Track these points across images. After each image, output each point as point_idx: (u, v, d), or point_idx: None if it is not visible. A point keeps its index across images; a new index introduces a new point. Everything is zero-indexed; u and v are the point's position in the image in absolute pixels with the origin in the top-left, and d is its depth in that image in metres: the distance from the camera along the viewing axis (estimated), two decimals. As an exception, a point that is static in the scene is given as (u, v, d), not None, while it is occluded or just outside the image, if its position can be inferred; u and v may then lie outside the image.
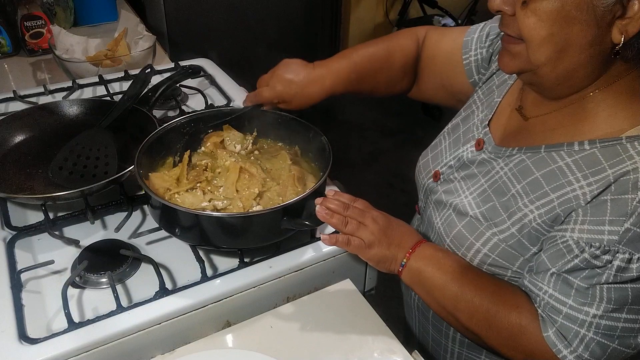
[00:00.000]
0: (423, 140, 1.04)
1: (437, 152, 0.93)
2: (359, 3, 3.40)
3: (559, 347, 0.68)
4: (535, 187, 0.73)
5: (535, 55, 0.68)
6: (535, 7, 0.64)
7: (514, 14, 0.67)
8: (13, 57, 1.58)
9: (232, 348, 0.77)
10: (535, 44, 0.67)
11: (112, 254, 0.81)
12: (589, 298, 0.66)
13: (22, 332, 0.71)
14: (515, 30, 0.68)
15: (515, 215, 0.74)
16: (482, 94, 0.91)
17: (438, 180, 0.89)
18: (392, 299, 1.25)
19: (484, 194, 0.79)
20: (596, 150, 0.69)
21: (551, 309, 0.69)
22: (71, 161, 0.93)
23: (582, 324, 0.67)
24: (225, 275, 0.80)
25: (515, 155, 0.77)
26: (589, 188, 0.67)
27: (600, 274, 0.65)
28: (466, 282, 0.75)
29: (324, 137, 0.90)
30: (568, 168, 0.70)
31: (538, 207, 0.72)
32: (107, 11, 1.80)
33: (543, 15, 0.64)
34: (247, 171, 0.87)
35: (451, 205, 0.83)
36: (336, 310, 0.83)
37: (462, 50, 0.95)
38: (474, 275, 0.77)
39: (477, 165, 0.83)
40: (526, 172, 0.75)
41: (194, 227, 0.78)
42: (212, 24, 2.31)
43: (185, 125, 0.94)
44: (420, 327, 0.98)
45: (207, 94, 1.26)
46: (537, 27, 0.65)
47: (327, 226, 0.79)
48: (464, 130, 0.89)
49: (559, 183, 0.70)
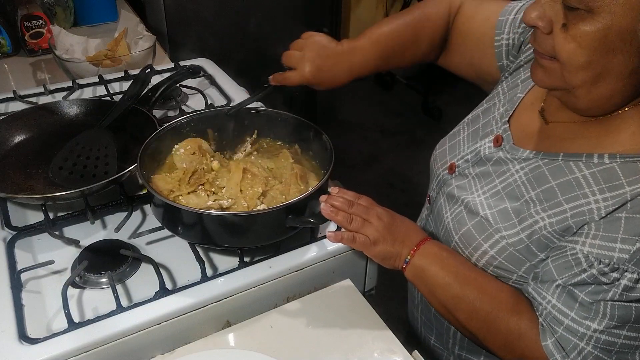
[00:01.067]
0: (423, 140, 1.04)
1: (454, 143, 0.92)
2: (359, 3, 3.40)
3: (556, 357, 0.68)
4: (549, 196, 0.72)
5: (570, 77, 0.66)
6: (577, 33, 0.62)
7: (549, 33, 0.65)
8: (13, 57, 1.58)
9: (232, 348, 0.77)
10: (572, 69, 0.65)
11: (112, 254, 0.81)
12: (592, 313, 0.66)
13: (22, 332, 0.71)
14: (549, 50, 0.66)
15: (526, 221, 0.73)
16: (507, 86, 0.89)
17: (453, 173, 0.88)
18: (392, 299, 1.25)
19: (497, 196, 0.78)
20: (616, 165, 0.67)
21: (553, 319, 0.69)
22: (71, 161, 0.93)
23: (582, 337, 0.67)
24: (225, 275, 0.80)
25: (532, 159, 0.76)
26: (604, 203, 0.66)
27: (607, 291, 0.65)
28: (469, 283, 0.75)
29: (324, 135, 0.90)
30: (585, 180, 0.69)
31: (550, 215, 0.71)
32: (107, 11, 1.80)
33: (584, 43, 0.62)
34: (249, 171, 0.87)
35: (463, 202, 0.83)
36: (336, 310, 0.83)
37: (495, 32, 0.90)
38: (477, 277, 0.77)
39: (494, 163, 0.82)
40: (541, 179, 0.74)
41: (200, 226, 0.77)
42: (212, 24, 2.31)
43: (185, 125, 0.94)
44: (425, 320, 0.98)
45: (207, 94, 1.26)
46: (577, 54, 0.63)
47: (331, 223, 0.79)
48: (484, 123, 0.88)
49: (574, 194, 0.69)
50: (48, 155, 0.95)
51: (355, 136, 3.21)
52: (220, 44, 2.35)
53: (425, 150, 0.99)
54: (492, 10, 0.92)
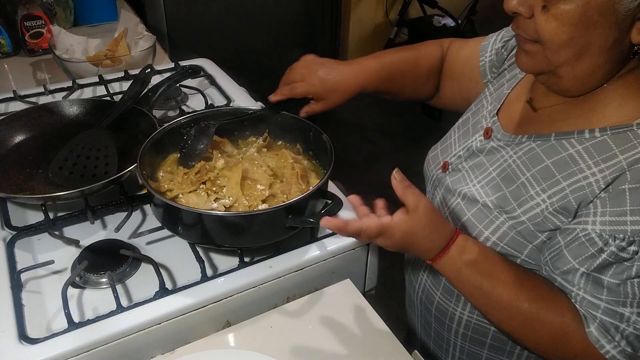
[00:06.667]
0: (423, 140, 1.04)
1: (446, 145, 0.94)
2: (359, 3, 3.40)
3: (602, 343, 0.68)
4: (546, 175, 0.73)
5: (554, 57, 0.68)
6: (557, 12, 0.64)
7: (530, 17, 0.67)
8: (13, 57, 1.58)
9: (232, 348, 0.77)
10: (554, 47, 0.67)
11: (112, 254, 0.81)
12: (622, 295, 0.66)
13: (22, 332, 0.71)
14: (531, 33, 0.68)
15: (527, 204, 0.74)
16: (494, 89, 0.92)
17: (447, 170, 0.89)
18: (392, 299, 1.25)
19: (493, 182, 0.79)
20: (607, 137, 0.69)
21: (588, 305, 0.69)
22: (71, 161, 0.93)
23: (621, 318, 0.67)
24: (225, 275, 0.80)
25: (525, 143, 0.77)
26: (601, 175, 0.67)
27: (630, 267, 0.65)
28: (506, 284, 0.72)
29: (324, 135, 0.90)
30: (579, 155, 0.70)
31: (550, 195, 0.72)
32: (107, 11, 1.80)
33: (565, 20, 0.64)
34: (250, 178, 0.87)
35: (460, 193, 0.83)
36: (336, 310, 0.83)
37: (480, 54, 0.97)
38: (511, 273, 0.73)
39: (486, 153, 0.83)
40: (536, 160, 0.75)
41: (200, 226, 0.77)
42: (212, 24, 2.31)
43: (185, 125, 0.94)
44: (423, 322, 0.98)
45: (207, 94, 1.26)
46: (559, 32, 0.65)
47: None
48: (473, 123, 0.90)
49: (571, 171, 0.70)
50: (48, 155, 0.95)
51: (355, 136, 3.21)
52: (220, 44, 2.35)
53: (425, 150, 1.00)
54: (476, 42, 1.00)
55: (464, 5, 3.27)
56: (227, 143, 0.96)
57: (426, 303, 0.94)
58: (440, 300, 0.89)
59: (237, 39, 2.39)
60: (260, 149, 0.96)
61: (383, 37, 3.55)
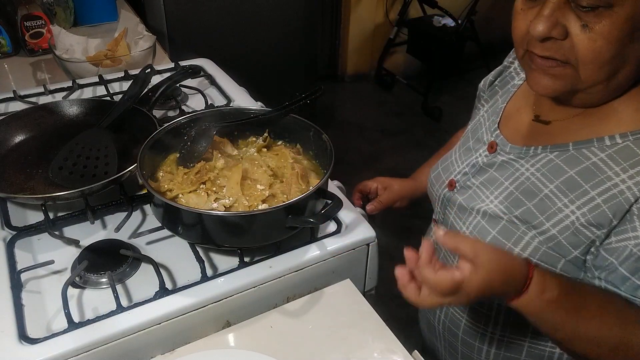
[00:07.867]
0: (423, 140, 1.04)
1: (447, 164, 0.92)
2: (359, 3, 3.40)
3: None
4: (572, 186, 0.71)
5: (591, 76, 0.66)
6: (602, 30, 0.62)
7: (564, 38, 0.65)
8: (13, 57, 1.58)
9: (232, 348, 0.77)
10: (595, 66, 0.65)
11: (112, 254, 0.81)
12: None
13: (22, 332, 0.71)
14: (565, 54, 0.66)
15: (556, 217, 0.72)
16: (488, 105, 0.92)
17: (454, 188, 0.87)
18: (392, 299, 1.25)
19: (512, 196, 0.77)
20: (629, 142, 0.68)
21: None
22: (71, 161, 0.93)
23: None
24: (225, 275, 0.80)
25: (541, 154, 0.75)
26: (632, 181, 0.66)
27: None
28: (590, 314, 0.68)
29: (324, 135, 0.90)
30: (604, 163, 0.69)
31: (579, 206, 0.70)
32: (107, 11, 1.80)
33: (612, 38, 0.62)
34: (249, 178, 0.87)
35: (478, 211, 0.81)
36: (336, 310, 0.83)
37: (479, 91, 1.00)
38: (595, 300, 0.69)
39: (497, 168, 0.81)
40: (558, 171, 0.73)
41: (200, 226, 0.77)
42: (212, 24, 2.31)
43: (185, 125, 0.94)
44: (446, 345, 0.95)
45: (207, 94, 1.26)
46: (604, 51, 0.63)
47: (331, 223, 0.78)
48: (474, 140, 0.89)
49: (598, 180, 0.69)
50: (48, 155, 0.95)
51: (355, 136, 3.21)
52: (220, 44, 2.35)
53: (425, 150, 1.00)
54: None
55: (464, 5, 3.27)
56: (227, 143, 0.96)
57: (451, 327, 0.91)
58: (468, 323, 0.87)
59: (237, 39, 2.39)
60: (260, 149, 0.96)
61: (383, 37, 3.55)
